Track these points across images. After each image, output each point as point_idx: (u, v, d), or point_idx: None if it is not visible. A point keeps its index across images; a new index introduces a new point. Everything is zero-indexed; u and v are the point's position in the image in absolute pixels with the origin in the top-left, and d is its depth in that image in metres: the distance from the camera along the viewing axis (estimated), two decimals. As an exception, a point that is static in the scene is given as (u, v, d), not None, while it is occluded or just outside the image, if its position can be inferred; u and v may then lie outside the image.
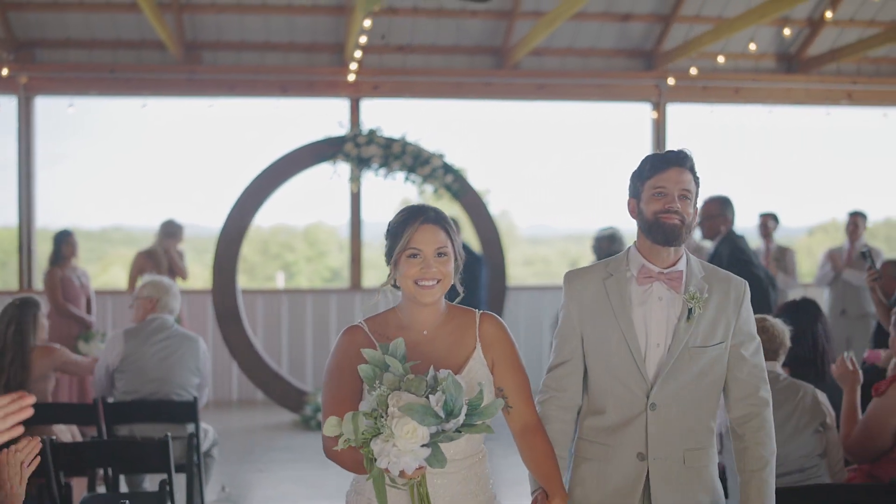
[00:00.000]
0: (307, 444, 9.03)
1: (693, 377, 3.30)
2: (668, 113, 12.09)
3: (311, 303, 11.47)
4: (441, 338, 3.11)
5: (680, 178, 3.32)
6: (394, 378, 2.72)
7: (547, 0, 11.04)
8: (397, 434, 2.59)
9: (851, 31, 12.07)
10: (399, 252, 3.04)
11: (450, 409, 2.65)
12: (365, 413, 2.65)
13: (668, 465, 3.28)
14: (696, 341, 3.29)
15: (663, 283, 3.33)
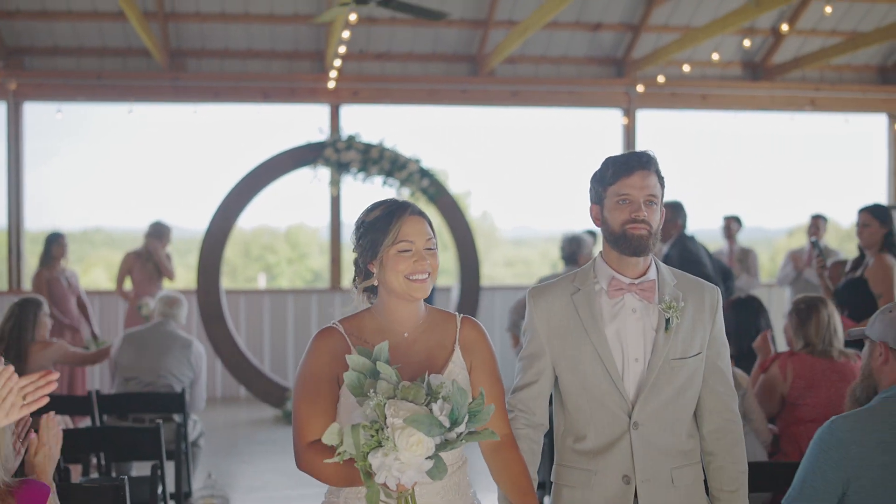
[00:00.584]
0: (288, 438, 9.32)
1: (675, 391, 3.12)
2: (638, 119, 12.51)
3: (292, 303, 11.84)
4: (421, 340, 2.95)
5: (645, 182, 3.11)
6: (388, 386, 2.54)
7: (520, 10, 11.43)
8: (401, 447, 2.43)
9: (814, 41, 12.52)
10: (387, 247, 2.86)
11: (454, 418, 2.51)
12: (364, 425, 2.48)
13: (656, 487, 3.10)
14: (675, 353, 3.11)
15: (635, 294, 3.14)
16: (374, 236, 2.89)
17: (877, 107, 13.26)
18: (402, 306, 2.92)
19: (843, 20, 12.16)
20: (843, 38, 12.10)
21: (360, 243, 2.94)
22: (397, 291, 2.88)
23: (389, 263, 2.87)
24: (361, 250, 2.94)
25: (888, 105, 13.19)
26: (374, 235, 2.89)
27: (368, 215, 2.93)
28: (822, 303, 5.17)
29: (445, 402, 2.50)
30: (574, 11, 11.60)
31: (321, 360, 2.86)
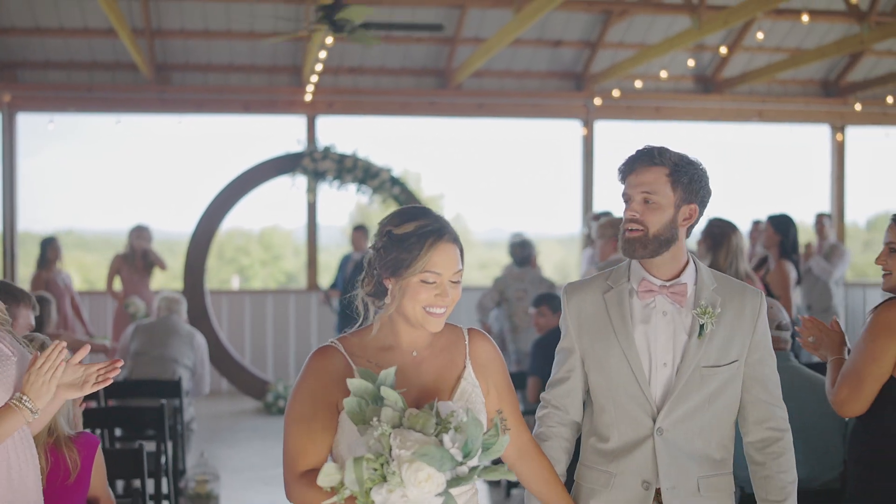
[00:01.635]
0: (268, 426, 10.19)
1: (705, 399, 2.99)
2: (596, 129, 13.32)
3: (271, 302, 12.57)
4: (429, 359, 2.74)
5: (641, 179, 2.98)
6: (393, 413, 2.35)
7: (486, 28, 12.19)
8: (409, 482, 2.23)
9: (761, 57, 13.37)
10: (413, 272, 2.62)
11: (467, 451, 2.32)
12: (368, 458, 2.28)
13: (682, 494, 2.98)
14: (708, 360, 2.98)
15: (666, 297, 3.01)
16: (400, 255, 2.63)
17: (820, 118, 14.12)
18: (412, 330, 2.72)
19: (787, 38, 13.00)
20: (787, 54, 12.94)
21: (382, 253, 2.68)
22: (410, 320, 2.67)
23: (409, 290, 2.63)
24: (381, 260, 2.68)
25: (830, 116, 14.05)
26: (399, 253, 2.63)
27: (399, 227, 2.66)
28: (732, 230, 5.88)
29: (457, 432, 2.31)
30: (536, 29, 12.36)
31: (319, 382, 2.64)
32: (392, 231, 2.66)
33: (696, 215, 3.04)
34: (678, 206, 2.99)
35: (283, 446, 2.67)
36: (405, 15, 11.45)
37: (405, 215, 2.69)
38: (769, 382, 3.06)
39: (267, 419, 10.61)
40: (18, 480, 2.94)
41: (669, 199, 2.97)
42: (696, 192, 3.01)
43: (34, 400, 2.87)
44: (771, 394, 3.06)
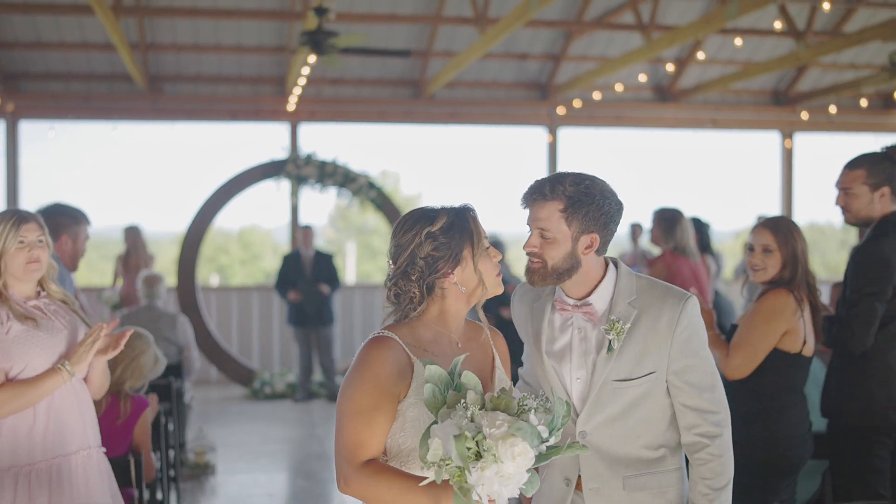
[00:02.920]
0: (256, 410, 11.13)
1: (623, 408, 3.03)
2: (560, 136, 14.29)
3: (256, 298, 13.48)
4: (469, 349, 2.83)
5: (536, 214, 2.98)
6: (476, 396, 2.41)
7: (457, 42, 13.10)
8: (505, 457, 2.29)
9: (714, 69, 14.35)
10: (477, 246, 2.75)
11: (552, 428, 2.43)
12: (466, 437, 2.32)
13: (605, 494, 3.04)
14: (619, 374, 3.00)
15: (580, 315, 3.06)
16: (454, 241, 2.72)
17: (770, 125, 15.14)
18: (463, 312, 2.82)
19: (738, 51, 13.96)
20: (739, 66, 13.92)
21: (434, 255, 2.72)
22: (488, 289, 2.81)
23: (481, 265, 2.75)
24: (434, 262, 2.73)
25: (780, 124, 15.06)
26: (452, 240, 2.72)
27: (434, 224, 2.73)
28: (680, 214, 7.00)
29: (538, 412, 2.40)
30: (504, 43, 13.25)
31: (385, 371, 2.64)
32: (431, 230, 2.71)
33: (597, 243, 3.01)
34: (576, 239, 2.97)
35: (337, 436, 2.65)
36: (381, 33, 12.39)
37: (425, 213, 2.77)
38: (699, 388, 3.03)
39: (254, 404, 11.55)
40: (57, 412, 3.83)
41: (565, 233, 2.96)
42: (596, 220, 2.97)
43: (74, 366, 3.82)
44: (701, 399, 3.03)
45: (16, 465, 3.75)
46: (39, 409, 3.79)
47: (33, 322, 3.81)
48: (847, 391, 4.61)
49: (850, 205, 4.70)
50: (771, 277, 4.50)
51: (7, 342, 3.74)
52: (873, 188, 4.64)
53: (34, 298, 3.91)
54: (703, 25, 10.20)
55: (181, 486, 7.22)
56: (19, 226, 3.82)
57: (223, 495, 7.66)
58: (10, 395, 3.69)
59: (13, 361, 3.74)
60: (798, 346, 4.42)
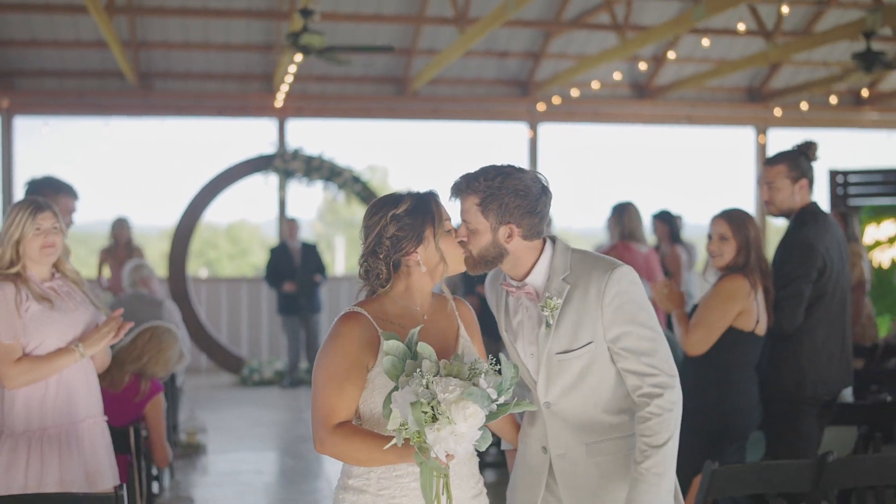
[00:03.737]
0: (245, 396, 11.57)
1: (574, 378, 3.19)
2: (540, 132, 14.72)
3: (245, 289, 13.90)
4: (434, 321, 3.06)
5: (460, 207, 3.19)
6: (431, 365, 2.68)
7: (440, 40, 13.50)
8: (457, 418, 2.59)
9: (690, 66, 14.79)
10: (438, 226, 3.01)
11: (500, 389, 2.69)
12: (421, 403, 2.60)
13: (571, 459, 3.24)
14: (559, 347, 3.17)
15: (523, 295, 3.25)
16: (417, 222, 2.97)
17: (744, 121, 15.60)
18: (428, 287, 3.06)
19: (713, 50, 14.37)
20: (713, 64, 14.36)
21: (398, 235, 2.97)
22: (449, 265, 3.05)
23: (443, 244, 3.00)
24: (398, 242, 2.97)
25: (754, 120, 15.51)
26: (415, 221, 2.97)
27: (398, 207, 2.99)
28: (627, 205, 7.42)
29: (487, 375, 2.68)
30: (485, 42, 13.66)
31: (352, 344, 2.90)
32: (395, 213, 2.97)
33: (516, 232, 3.14)
34: (495, 229, 3.13)
35: (313, 402, 2.91)
36: (366, 32, 12.80)
37: (392, 198, 3.04)
38: (636, 353, 3.14)
39: (243, 390, 11.98)
40: (67, 384, 4.26)
41: (484, 224, 3.12)
42: (510, 212, 3.11)
43: (87, 349, 4.25)
44: (640, 363, 3.14)
45: (29, 429, 4.18)
46: (51, 381, 4.21)
47: (49, 303, 4.23)
48: (780, 366, 5.07)
49: (774, 198, 5.17)
50: (727, 263, 4.95)
51: (25, 320, 4.15)
52: (794, 181, 5.13)
53: (49, 280, 4.32)
54: (673, 26, 10.65)
55: (174, 464, 7.63)
56: (36, 214, 4.23)
57: (214, 473, 8.08)
58: (26, 369, 4.11)
59: (30, 338, 4.16)
60: (751, 325, 4.88)
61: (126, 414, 5.30)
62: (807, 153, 5.17)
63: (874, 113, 15.81)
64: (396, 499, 2.91)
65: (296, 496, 7.48)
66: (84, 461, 4.28)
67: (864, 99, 15.59)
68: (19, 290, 4.18)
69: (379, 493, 2.91)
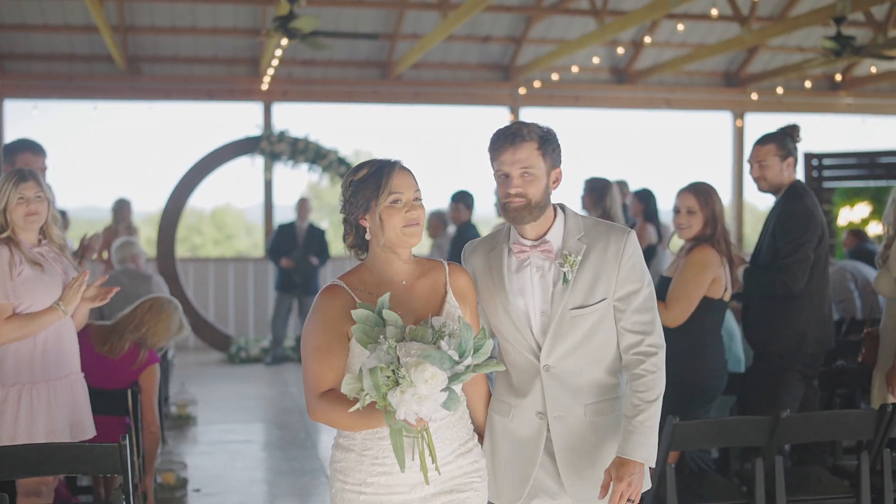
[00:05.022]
0: (233, 372, 11.88)
1: (581, 337, 3.32)
2: (522, 116, 14.98)
3: (232, 269, 14.17)
4: (417, 286, 3.13)
5: (516, 157, 3.25)
6: (396, 330, 2.76)
7: (423, 25, 13.75)
8: (417, 381, 2.63)
9: (669, 51, 15.07)
10: (381, 200, 3.03)
11: (462, 351, 2.74)
12: (381, 367, 2.67)
13: (568, 421, 3.35)
14: (575, 303, 3.29)
15: (538, 254, 3.34)
16: (367, 192, 3.04)
17: (722, 106, 15.90)
18: (395, 257, 3.11)
19: (691, 35, 14.69)
20: (692, 49, 14.64)
21: (352, 200, 3.09)
22: (393, 241, 3.07)
23: (384, 215, 3.03)
24: (352, 207, 3.10)
25: (731, 105, 15.82)
26: (366, 191, 3.05)
27: (357, 174, 3.09)
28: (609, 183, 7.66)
29: (452, 337, 2.73)
30: (467, 26, 13.91)
31: (331, 315, 3.02)
32: (353, 180, 3.08)
33: (561, 176, 3.38)
34: (548, 174, 3.31)
35: (303, 373, 3.06)
36: (349, 17, 13.06)
37: (358, 166, 3.12)
38: (640, 311, 3.35)
39: (231, 367, 12.27)
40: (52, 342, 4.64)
41: (542, 169, 3.28)
42: (558, 158, 3.35)
43: (66, 305, 4.62)
44: (642, 322, 3.35)
45: (19, 382, 4.57)
46: (38, 338, 4.61)
47: (40, 267, 4.62)
48: (779, 327, 5.43)
49: (764, 174, 5.52)
50: (695, 234, 5.26)
51: (18, 283, 4.53)
52: (782, 159, 5.49)
53: (37, 245, 4.71)
54: (651, 11, 10.93)
55: (165, 434, 7.93)
56: (19, 184, 4.59)
57: (204, 442, 8.37)
58: (16, 326, 4.50)
59: (21, 299, 4.54)
60: (721, 292, 5.19)
61: (121, 380, 5.58)
62: (791, 135, 5.53)
63: (849, 98, 16.15)
64: (379, 459, 3.04)
65: (281, 463, 7.78)
66: (69, 413, 4.69)
67: (839, 84, 15.93)
68: (13, 254, 4.55)
69: (363, 453, 3.05)
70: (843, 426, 4.82)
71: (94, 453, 4.12)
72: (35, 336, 4.59)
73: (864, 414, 4.80)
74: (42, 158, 6.06)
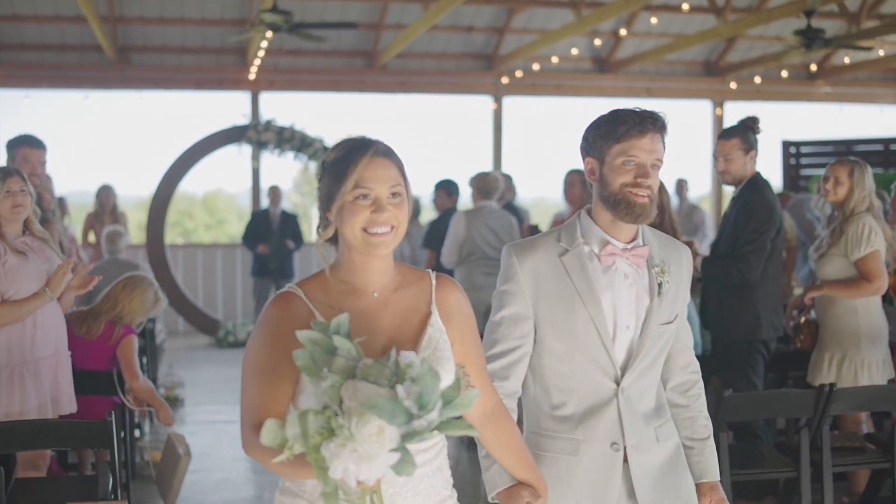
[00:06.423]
0: (220, 355, 12.22)
1: (656, 354, 3.00)
2: (505, 104, 15.30)
3: (220, 255, 14.47)
4: (393, 301, 2.50)
5: (654, 146, 2.88)
6: (346, 364, 2.11)
7: (408, 15, 13.99)
8: (359, 436, 1.99)
9: (650, 41, 15.35)
10: (344, 193, 2.38)
11: (423, 403, 2.06)
12: (315, 411, 2.04)
13: (644, 448, 2.97)
14: (664, 318, 2.98)
15: (626, 259, 2.95)
16: (331, 180, 2.42)
17: (702, 95, 16.21)
18: (366, 263, 2.45)
19: (670, 25, 14.96)
20: (671, 39, 14.92)
21: (319, 187, 2.50)
22: (355, 246, 2.42)
23: (345, 211, 2.40)
24: (319, 194, 2.50)
25: (711, 94, 16.13)
26: (330, 179, 2.42)
27: (330, 154, 2.47)
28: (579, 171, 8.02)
29: (413, 384, 2.06)
30: (451, 17, 14.14)
31: (278, 331, 2.37)
32: (325, 161, 2.48)
33: None
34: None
35: (241, 398, 2.42)
36: (335, 8, 13.33)
37: (337, 143, 2.49)
38: (689, 328, 3.15)
39: (219, 351, 12.60)
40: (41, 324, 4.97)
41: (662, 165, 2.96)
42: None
43: (52, 291, 4.94)
44: (690, 338, 3.14)
45: (11, 363, 4.90)
46: (27, 322, 4.93)
47: (24, 256, 4.95)
48: (739, 313, 5.75)
49: (729, 168, 5.78)
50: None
51: (4, 271, 4.84)
52: (745, 152, 5.76)
53: (20, 236, 5.02)
54: (627, 3, 11.19)
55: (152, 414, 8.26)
56: (5, 179, 4.91)
57: (192, 422, 8.69)
58: (5, 312, 4.82)
59: (8, 286, 4.86)
60: None
61: (101, 356, 5.85)
62: (752, 127, 5.79)
63: (826, 86, 16.47)
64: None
65: (267, 442, 8.09)
66: (52, 388, 5.04)
67: (817, 73, 16.24)
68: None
69: (317, 502, 2.41)
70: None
71: (84, 428, 4.46)
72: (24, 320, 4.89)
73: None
74: (40, 152, 6.27)
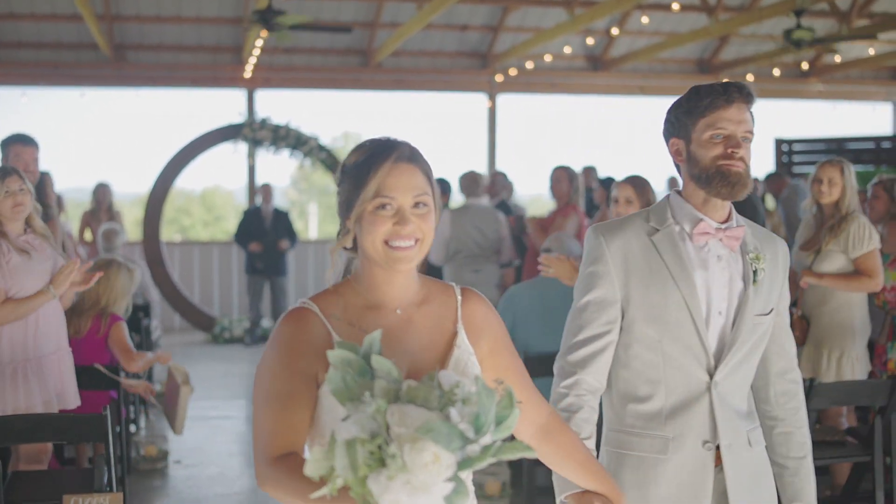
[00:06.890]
0: (216, 352, 12.31)
1: (749, 349, 2.78)
2: (499, 102, 15.41)
3: (217, 252, 14.56)
4: (417, 319, 2.28)
5: (743, 116, 2.72)
6: (387, 386, 1.88)
7: (402, 14, 14.09)
8: (413, 465, 1.76)
9: (642, 39, 15.46)
10: (364, 202, 2.17)
11: (479, 425, 1.84)
12: (362, 440, 1.80)
13: (738, 450, 2.76)
14: (758, 308, 2.77)
15: (720, 241, 2.76)
16: (351, 186, 2.22)
17: (695, 92, 16.27)
18: (389, 277, 2.25)
19: (663, 24, 15.06)
20: (664, 37, 15.02)
21: (339, 192, 2.28)
22: (376, 260, 2.21)
23: (365, 223, 2.19)
24: (339, 199, 2.28)
25: (704, 91, 16.20)
26: (350, 185, 2.23)
27: (350, 157, 2.27)
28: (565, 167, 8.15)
29: (466, 404, 1.85)
30: (445, 15, 14.24)
31: (293, 351, 2.18)
32: (345, 165, 2.27)
33: None
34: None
35: (253, 428, 2.20)
36: (331, 6, 13.42)
37: (358, 145, 2.28)
38: (790, 334, 2.91)
39: (215, 347, 12.71)
40: (43, 322, 5.07)
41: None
42: None
43: (56, 289, 5.04)
44: (793, 345, 2.91)
45: (14, 360, 5.00)
46: (30, 319, 5.03)
47: (27, 255, 5.05)
48: None
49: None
50: None
51: (8, 269, 4.93)
52: None
53: (23, 234, 5.11)
54: (619, 2, 11.29)
55: (148, 408, 8.38)
56: (3, 178, 4.99)
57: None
58: (9, 310, 4.92)
59: (11, 284, 4.95)
60: None
61: (96, 353, 5.98)
62: None
63: (819, 84, 16.57)
64: None
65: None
66: (55, 384, 5.13)
67: (809, 71, 16.34)
68: (1, 244, 4.96)
69: None
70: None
71: (80, 422, 4.56)
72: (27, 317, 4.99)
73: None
74: (32, 149, 6.32)
